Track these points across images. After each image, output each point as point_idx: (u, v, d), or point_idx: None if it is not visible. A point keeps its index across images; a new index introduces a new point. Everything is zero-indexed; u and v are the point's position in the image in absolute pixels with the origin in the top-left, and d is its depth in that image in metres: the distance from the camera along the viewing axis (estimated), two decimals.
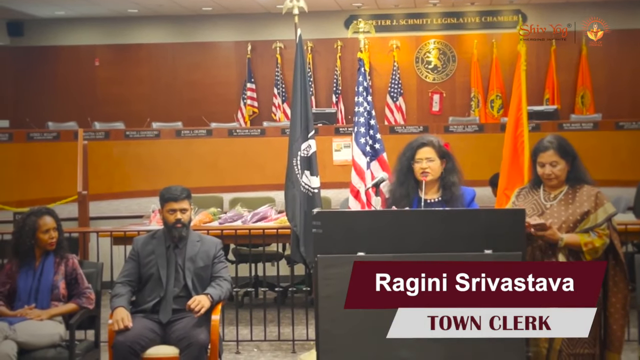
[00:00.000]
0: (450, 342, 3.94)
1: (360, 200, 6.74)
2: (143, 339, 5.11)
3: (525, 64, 6.68)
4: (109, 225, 9.00)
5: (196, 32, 17.69)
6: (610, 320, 4.51)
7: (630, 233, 7.23)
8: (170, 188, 5.53)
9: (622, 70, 16.67)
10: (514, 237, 4.05)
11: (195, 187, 7.24)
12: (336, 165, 12.19)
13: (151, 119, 14.69)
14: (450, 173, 4.86)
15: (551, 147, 4.56)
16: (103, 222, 10.03)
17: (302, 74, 6.85)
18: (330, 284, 4.04)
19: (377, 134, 6.98)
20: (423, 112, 17.37)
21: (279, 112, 17.16)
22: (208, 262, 5.47)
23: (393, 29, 17.42)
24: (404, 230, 4.10)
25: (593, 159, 8.79)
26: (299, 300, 7.96)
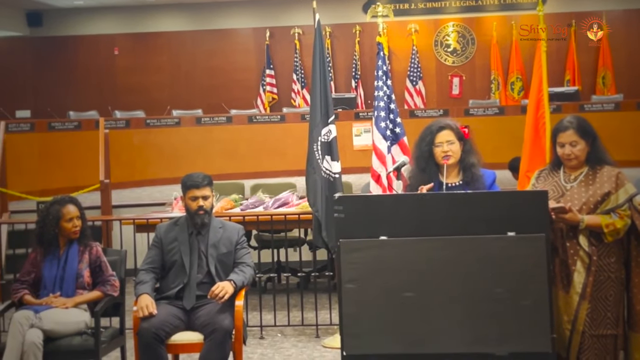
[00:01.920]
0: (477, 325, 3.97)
1: (382, 185, 6.75)
2: (167, 326, 5.15)
3: (546, 45, 6.62)
4: (131, 213, 9.06)
5: (214, 19, 17.68)
6: (634, 301, 4.50)
7: None
8: (192, 175, 5.55)
9: None
10: (537, 219, 4.06)
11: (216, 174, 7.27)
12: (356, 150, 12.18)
13: (171, 107, 14.72)
14: (469, 154, 4.86)
15: (571, 127, 4.54)
16: (125, 210, 10.08)
17: (322, 60, 6.85)
18: (353, 267, 4.06)
19: (398, 118, 6.98)
20: (443, 96, 17.30)
21: (299, 98, 17.15)
22: (231, 248, 5.49)
23: (411, 13, 17.33)
24: (426, 214, 4.12)
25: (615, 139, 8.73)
26: (321, 285, 7.99)
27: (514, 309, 3.96)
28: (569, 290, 4.43)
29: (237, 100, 16.35)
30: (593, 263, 4.39)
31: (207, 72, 17.52)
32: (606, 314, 4.41)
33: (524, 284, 3.97)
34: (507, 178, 8.52)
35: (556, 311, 4.36)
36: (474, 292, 3.98)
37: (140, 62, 17.69)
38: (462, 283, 4.00)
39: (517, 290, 3.97)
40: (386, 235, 4.06)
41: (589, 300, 4.39)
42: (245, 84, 17.47)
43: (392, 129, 6.93)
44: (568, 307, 4.42)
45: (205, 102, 16.36)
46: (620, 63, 16.50)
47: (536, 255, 3.98)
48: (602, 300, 4.40)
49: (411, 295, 4.00)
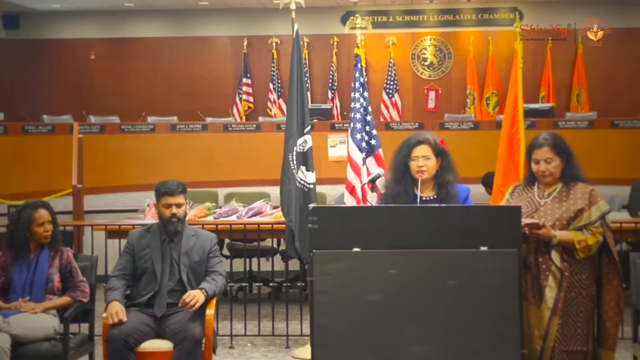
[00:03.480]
0: (448, 338, 3.96)
1: (356, 196, 6.75)
2: (137, 333, 5.11)
3: (522, 61, 6.67)
4: (103, 219, 8.99)
5: (192, 27, 17.67)
6: (604, 318, 4.53)
7: (625, 231, 7.25)
8: (166, 182, 5.53)
9: (618, 69, 16.69)
10: (510, 234, 4.06)
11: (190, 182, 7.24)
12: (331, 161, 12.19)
13: (147, 113, 14.67)
14: (446, 171, 4.86)
15: (546, 144, 4.57)
16: (98, 215, 10.02)
17: (299, 70, 6.85)
18: (326, 279, 4.04)
19: (373, 130, 6.99)
20: (418, 109, 17.38)
21: (275, 107, 17.15)
22: (203, 257, 5.47)
23: (389, 26, 17.42)
24: (399, 226, 4.11)
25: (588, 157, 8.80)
26: (293, 296, 7.96)
27: (485, 324, 3.96)
28: (540, 305, 4.45)
29: (213, 108, 16.33)
30: (565, 279, 4.42)
31: (183, 79, 17.50)
32: (576, 330, 4.43)
33: (496, 298, 3.97)
34: (481, 193, 8.54)
35: (527, 326, 4.38)
36: (446, 305, 3.98)
37: (117, 67, 17.63)
38: (434, 296, 3.99)
39: (489, 305, 3.97)
40: (359, 247, 4.05)
41: (560, 315, 4.41)
42: (222, 92, 17.46)
43: (368, 141, 6.94)
44: (539, 322, 4.44)
45: (181, 109, 16.32)
46: (595, 81, 16.66)
47: (508, 270, 3.98)
48: (573, 316, 4.42)
49: (382, 308, 3.99)
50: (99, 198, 11.66)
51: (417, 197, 4.74)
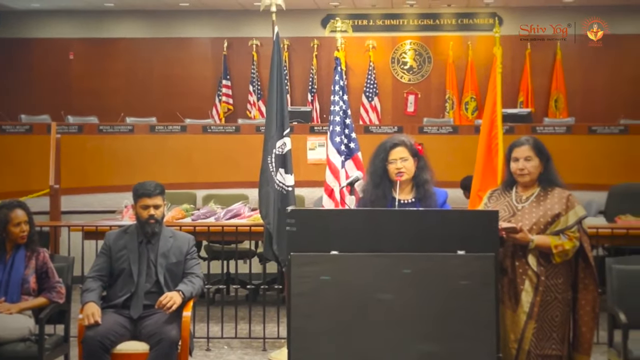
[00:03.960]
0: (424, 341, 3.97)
1: (334, 199, 6.75)
2: (113, 334, 5.08)
3: (501, 66, 6.70)
4: (81, 220, 8.94)
5: (172, 28, 17.63)
6: (580, 323, 4.55)
7: (601, 237, 7.29)
8: (144, 183, 5.50)
9: (596, 75, 16.82)
10: (487, 239, 4.08)
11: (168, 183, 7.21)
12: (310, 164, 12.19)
13: (125, 114, 14.61)
14: (422, 171, 4.88)
15: (527, 144, 4.63)
16: (75, 216, 9.97)
17: (279, 72, 6.85)
18: (303, 281, 4.04)
19: (352, 133, 7.00)
20: (398, 113, 17.42)
21: (254, 109, 17.14)
22: (180, 258, 5.45)
23: (370, 29, 17.46)
24: (377, 229, 4.12)
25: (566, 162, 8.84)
26: (270, 298, 7.94)
27: (461, 327, 3.97)
28: (516, 309, 4.47)
29: (192, 109, 16.28)
30: (541, 283, 4.44)
31: (163, 80, 17.45)
32: (552, 335, 4.45)
33: (472, 302, 3.98)
34: (458, 197, 8.56)
35: (503, 330, 4.40)
36: (422, 309, 3.99)
37: (96, 67, 17.56)
38: (410, 300, 3.99)
39: (465, 309, 3.98)
40: (337, 250, 4.05)
41: (536, 319, 4.43)
42: (201, 93, 17.43)
43: (347, 144, 6.94)
44: (515, 326, 4.46)
45: (160, 110, 16.27)
46: (573, 87, 16.77)
47: (485, 274, 3.99)
48: (549, 320, 4.45)
49: (360, 311, 4.00)
50: (76, 199, 11.60)
51: (396, 200, 4.74)
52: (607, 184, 9.67)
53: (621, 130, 12.88)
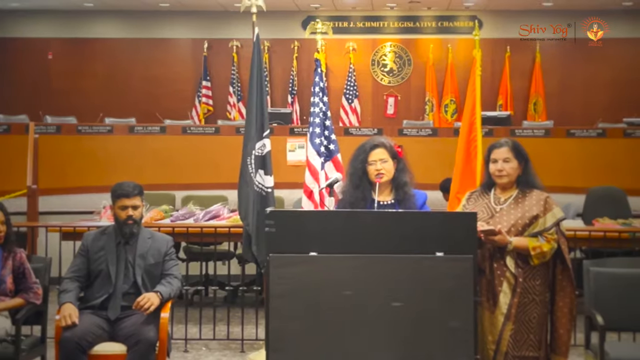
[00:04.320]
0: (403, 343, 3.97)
1: (314, 201, 6.75)
2: (90, 335, 5.06)
3: (480, 69, 6.73)
4: (58, 221, 8.89)
5: (152, 28, 17.56)
6: (557, 325, 4.58)
7: (579, 239, 7.35)
8: (122, 184, 5.48)
9: (574, 78, 16.90)
10: (465, 240, 4.09)
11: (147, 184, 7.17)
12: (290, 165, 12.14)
13: (104, 115, 14.53)
14: (402, 173, 4.90)
15: (506, 145, 4.68)
16: (52, 217, 9.90)
17: (259, 73, 6.84)
18: (282, 283, 4.04)
19: (332, 135, 7.00)
20: (378, 115, 17.42)
21: (234, 110, 17.09)
22: (159, 260, 5.43)
23: (350, 31, 17.46)
24: (356, 231, 4.12)
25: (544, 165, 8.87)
26: (249, 300, 7.93)
27: (439, 329, 3.98)
28: (494, 310, 4.48)
29: (171, 110, 16.22)
30: (518, 285, 4.46)
31: (142, 81, 17.37)
32: (529, 336, 4.47)
33: (450, 304, 3.99)
34: (438, 199, 8.59)
35: (481, 331, 4.42)
36: (401, 310, 3.99)
37: (75, 67, 17.45)
38: (389, 301, 4.00)
39: (443, 310, 3.99)
40: (316, 251, 4.05)
41: (513, 321, 4.45)
42: (181, 94, 17.37)
43: (327, 146, 6.95)
44: (493, 327, 4.48)
45: (139, 111, 16.17)
46: (552, 90, 16.86)
47: (463, 276, 4.00)
48: (526, 322, 4.47)
49: (338, 312, 4.00)
50: (54, 199, 11.52)
51: (375, 201, 4.75)
52: (585, 187, 9.74)
53: (599, 133, 12.95)
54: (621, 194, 9.24)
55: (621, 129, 13.15)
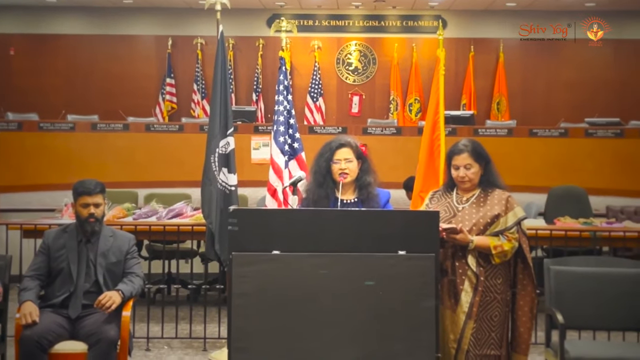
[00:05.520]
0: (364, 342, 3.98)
1: (277, 199, 6.75)
2: (51, 334, 5.01)
3: (444, 69, 6.76)
4: (19, 218, 8.80)
5: (115, 25, 17.42)
6: (518, 323, 4.61)
7: (540, 238, 7.41)
8: (84, 182, 5.44)
9: (537, 79, 17.04)
10: (427, 239, 4.11)
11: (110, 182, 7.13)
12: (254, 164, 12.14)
13: (66, 111, 14.38)
14: (366, 173, 4.91)
15: (466, 150, 4.66)
16: (13, 214, 9.81)
17: (223, 71, 6.82)
18: (244, 281, 4.03)
19: (296, 134, 7.00)
20: (342, 113, 17.44)
21: (198, 108, 17.02)
22: (120, 258, 5.40)
23: (315, 30, 17.46)
24: (319, 229, 4.12)
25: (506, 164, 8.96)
26: (211, 298, 7.91)
27: (401, 327, 3.99)
28: (456, 309, 4.51)
29: (135, 107, 16.11)
30: (480, 283, 4.49)
31: (105, 78, 17.22)
32: (490, 334, 4.50)
33: (412, 302, 4.01)
34: (401, 198, 8.63)
35: (443, 330, 4.43)
36: (363, 309, 4.00)
37: (37, 63, 17.27)
38: (351, 300, 4.01)
39: (405, 309, 4.00)
40: (279, 250, 4.05)
41: (475, 319, 4.48)
42: (145, 91, 17.25)
43: (291, 144, 6.94)
44: (454, 326, 4.50)
45: (102, 108, 16.04)
46: (515, 90, 16.99)
47: (425, 274, 4.02)
48: (487, 320, 4.50)
49: (300, 311, 4.00)
50: (15, 196, 11.40)
51: (338, 200, 4.76)
52: (546, 186, 9.83)
53: (561, 133, 13.06)
54: (582, 193, 9.34)
55: (583, 128, 13.28)
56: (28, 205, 10.65)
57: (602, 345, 5.84)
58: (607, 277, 5.44)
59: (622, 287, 5.38)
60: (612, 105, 16.19)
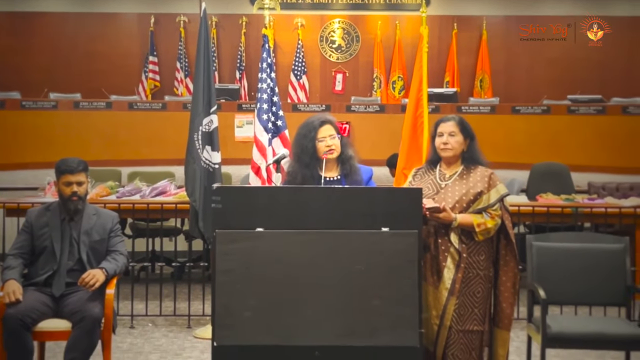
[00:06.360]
0: (348, 318, 4.01)
1: (261, 177, 6.76)
2: (34, 312, 5.01)
3: (427, 46, 6.77)
4: (2, 197, 8.77)
5: (97, 2, 17.28)
6: (500, 299, 4.64)
7: (523, 214, 7.47)
8: (66, 160, 5.41)
9: (519, 56, 17.05)
10: (410, 216, 4.12)
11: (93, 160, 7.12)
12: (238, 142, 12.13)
13: (49, 90, 14.30)
14: (346, 147, 4.93)
15: (452, 120, 4.73)
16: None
17: (206, 49, 6.81)
18: (228, 258, 4.04)
19: (280, 111, 7.00)
20: (326, 91, 17.41)
21: (181, 86, 16.95)
22: (104, 236, 5.39)
23: (298, 7, 17.38)
24: (303, 207, 4.13)
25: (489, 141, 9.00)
26: (196, 276, 7.94)
27: (384, 304, 4.02)
28: (438, 286, 4.54)
29: (117, 86, 16.01)
30: (462, 260, 4.51)
31: (87, 56, 17.10)
32: (473, 310, 4.53)
33: (396, 279, 4.03)
34: (384, 174, 8.65)
35: (425, 306, 4.46)
36: (346, 286, 4.02)
37: (18, 42, 17.11)
38: (335, 277, 4.02)
39: (389, 285, 4.02)
40: (263, 227, 4.06)
41: (457, 296, 4.51)
42: (127, 69, 17.15)
43: (274, 122, 6.95)
44: (437, 302, 4.53)
45: (85, 86, 15.94)
46: (498, 67, 17.00)
47: (408, 251, 4.04)
48: (470, 296, 4.53)
49: (284, 288, 4.02)
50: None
51: (322, 178, 4.76)
52: (529, 163, 9.89)
53: (544, 110, 13.11)
54: (564, 170, 9.41)
55: (565, 105, 13.34)
56: (11, 183, 10.62)
57: (584, 320, 5.89)
58: (589, 253, 5.48)
59: (604, 262, 5.43)
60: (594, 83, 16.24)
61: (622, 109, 13.06)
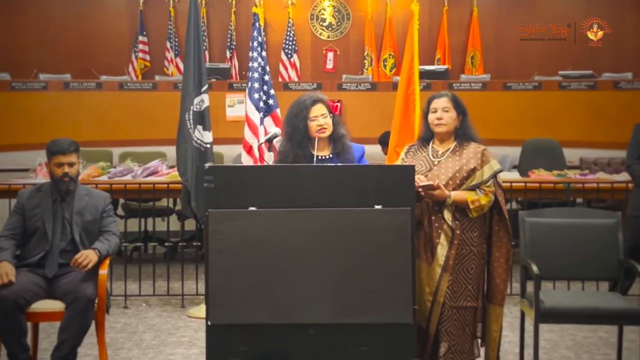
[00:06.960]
0: (341, 295, 4.01)
1: (253, 156, 6.75)
2: (27, 293, 5.00)
3: (418, 23, 6.74)
4: None
5: None
6: (494, 274, 4.66)
7: (515, 190, 7.48)
8: (57, 141, 5.39)
9: (510, 33, 17.01)
10: (403, 193, 4.12)
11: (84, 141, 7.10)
12: (229, 121, 12.11)
13: (38, 70, 14.23)
14: (338, 126, 4.91)
15: (446, 96, 4.75)
16: None
17: (196, 28, 6.78)
18: (221, 238, 4.04)
19: (271, 90, 6.99)
20: (317, 70, 17.37)
21: (172, 66, 16.89)
22: (96, 216, 5.38)
23: None
24: (295, 185, 4.12)
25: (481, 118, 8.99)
26: (189, 256, 7.94)
27: (378, 281, 4.02)
28: (432, 262, 4.54)
29: (107, 66, 15.94)
30: (456, 237, 4.52)
31: (77, 36, 16.99)
32: (467, 287, 4.54)
33: (389, 256, 4.03)
34: (377, 152, 8.65)
35: (419, 283, 4.47)
36: (340, 263, 4.02)
37: (6, 22, 16.99)
38: (328, 254, 4.02)
39: (382, 263, 4.02)
40: (255, 206, 4.05)
41: (451, 272, 4.52)
42: (117, 49, 17.06)
43: (266, 101, 6.94)
44: (430, 279, 4.54)
45: (75, 66, 15.87)
46: (489, 44, 16.98)
47: (401, 228, 4.03)
48: (464, 273, 4.53)
49: (278, 266, 4.01)
50: None
51: (314, 156, 4.75)
52: (521, 139, 9.89)
53: (535, 86, 13.12)
54: (556, 146, 9.42)
55: (556, 81, 13.34)
56: (1, 165, 10.59)
57: (576, 295, 5.92)
58: (581, 228, 5.49)
59: (596, 237, 5.44)
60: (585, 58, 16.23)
61: (614, 84, 13.07)
